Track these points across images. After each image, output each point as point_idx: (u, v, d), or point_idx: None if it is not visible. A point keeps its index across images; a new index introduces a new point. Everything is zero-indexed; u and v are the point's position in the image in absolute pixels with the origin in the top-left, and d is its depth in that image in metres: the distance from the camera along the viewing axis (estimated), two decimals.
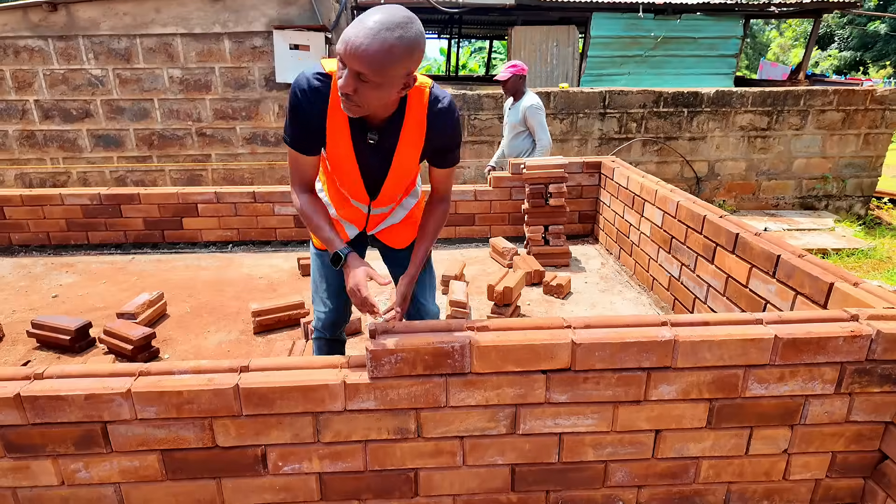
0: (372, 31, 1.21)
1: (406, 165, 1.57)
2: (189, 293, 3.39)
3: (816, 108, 6.15)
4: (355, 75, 1.26)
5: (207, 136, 5.40)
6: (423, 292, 1.89)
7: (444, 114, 1.47)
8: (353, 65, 1.23)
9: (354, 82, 1.27)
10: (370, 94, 1.29)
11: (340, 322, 1.98)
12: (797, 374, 1.52)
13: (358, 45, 1.21)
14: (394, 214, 1.80)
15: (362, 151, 1.51)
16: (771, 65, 9.92)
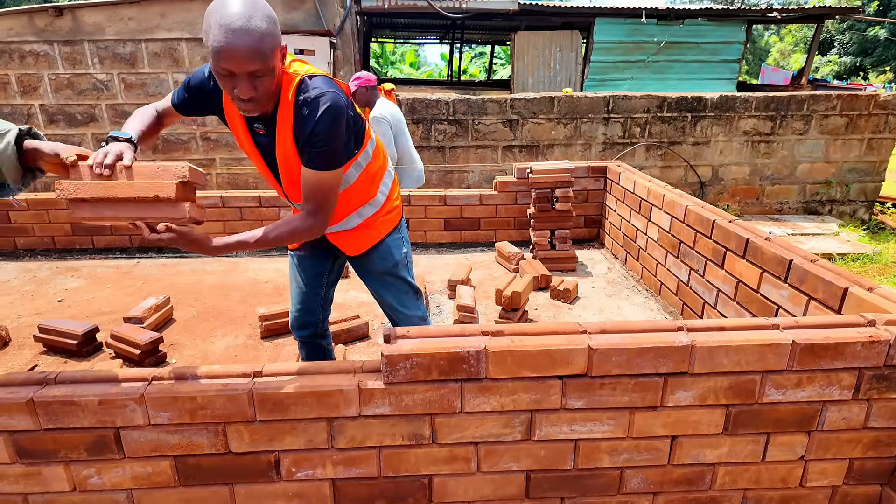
0: (237, 25, 1.20)
1: (289, 158, 1.50)
2: (195, 297, 3.38)
3: (820, 113, 6.16)
4: (249, 77, 1.27)
5: (212, 141, 5.40)
6: (398, 299, 1.88)
7: (309, 104, 1.38)
8: (245, 68, 1.24)
9: (251, 83, 1.28)
10: (266, 84, 1.31)
11: (310, 324, 1.96)
12: (814, 379, 1.51)
13: (234, 46, 1.20)
14: (347, 220, 1.75)
15: (258, 140, 1.54)
16: (773, 70, 9.93)
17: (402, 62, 25.59)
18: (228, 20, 1.21)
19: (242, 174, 5.42)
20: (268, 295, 3.44)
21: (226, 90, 1.32)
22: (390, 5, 5.95)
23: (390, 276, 1.85)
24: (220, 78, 1.28)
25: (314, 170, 1.45)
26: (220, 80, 1.29)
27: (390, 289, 1.87)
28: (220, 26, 1.21)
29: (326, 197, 1.49)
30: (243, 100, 1.31)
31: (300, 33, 4.95)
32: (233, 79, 1.27)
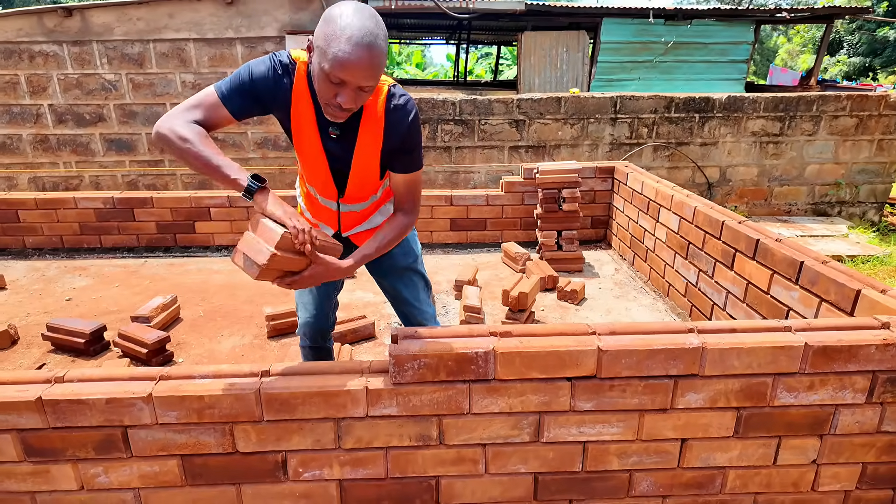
0: (360, 41, 1.19)
1: (367, 162, 1.51)
2: (202, 297, 3.39)
3: (829, 114, 6.10)
4: (358, 89, 1.26)
5: (219, 141, 5.42)
6: (415, 295, 1.88)
7: (400, 111, 1.43)
8: (352, 78, 1.22)
9: (357, 95, 1.27)
10: (367, 97, 1.30)
11: (325, 329, 1.94)
12: (827, 382, 1.49)
13: (356, 61, 1.19)
14: (370, 219, 1.74)
15: (327, 143, 1.48)
16: (781, 70, 9.87)
17: (409, 62, 25.61)
18: (359, 34, 1.20)
19: None
20: (274, 294, 3.44)
21: (324, 94, 1.27)
22: (397, 6, 5.95)
23: (410, 271, 1.85)
24: (326, 83, 1.24)
25: (412, 172, 1.53)
26: (323, 85, 1.25)
27: (409, 284, 1.86)
28: (348, 38, 1.19)
29: (420, 194, 1.61)
30: (342, 109, 1.29)
31: (307, 33, 4.96)
32: (340, 87, 1.25)
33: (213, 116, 1.34)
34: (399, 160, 1.50)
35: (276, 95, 1.38)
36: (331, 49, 1.20)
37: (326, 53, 1.20)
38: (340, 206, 1.65)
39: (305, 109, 1.41)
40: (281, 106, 1.40)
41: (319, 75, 1.25)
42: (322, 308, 1.88)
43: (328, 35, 1.20)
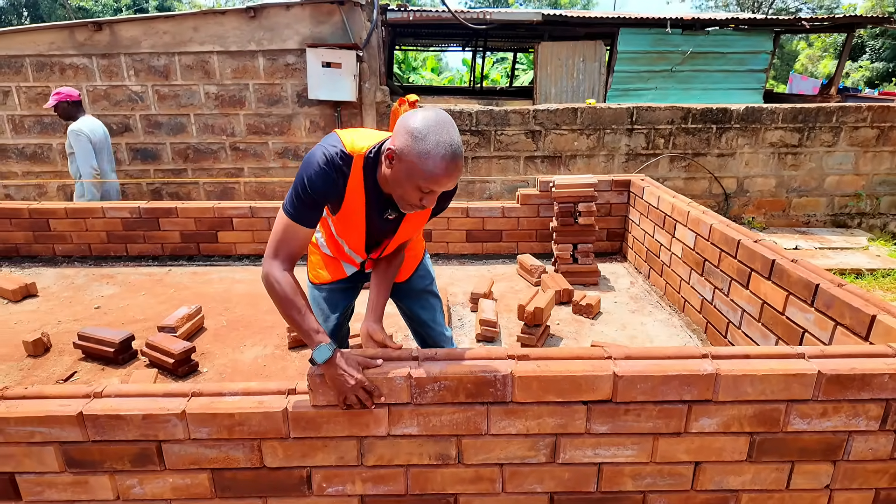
0: (453, 153, 1.30)
1: (411, 230, 1.68)
2: (225, 306, 3.48)
3: (849, 125, 6.05)
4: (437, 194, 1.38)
5: (241, 151, 5.54)
6: (432, 317, 1.95)
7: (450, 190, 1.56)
8: (441, 188, 1.35)
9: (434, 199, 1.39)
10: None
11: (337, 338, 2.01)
12: (840, 409, 1.51)
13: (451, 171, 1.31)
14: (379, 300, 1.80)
15: (373, 220, 1.57)
16: (801, 78, 9.77)
17: (424, 68, 25.77)
18: (450, 151, 1.29)
19: (269, 184, 5.55)
20: None
21: (408, 197, 1.38)
22: (415, 17, 6.04)
23: (427, 293, 1.94)
24: (414, 191, 1.35)
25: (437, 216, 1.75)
26: (410, 192, 1.36)
27: (426, 306, 1.94)
28: (443, 157, 1.29)
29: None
30: (424, 207, 1.41)
31: (327, 46, 5.06)
32: (428, 194, 1.37)
33: (298, 244, 1.48)
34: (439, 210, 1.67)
35: (333, 192, 1.46)
36: (426, 167, 1.29)
37: (419, 169, 1.30)
38: (365, 261, 1.80)
39: (357, 198, 1.49)
40: (335, 197, 1.49)
41: (407, 183, 1.34)
42: (332, 334, 1.94)
43: (421, 153, 1.29)
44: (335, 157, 1.42)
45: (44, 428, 1.47)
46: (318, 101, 5.36)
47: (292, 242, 1.46)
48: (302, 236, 1.47)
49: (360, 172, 1.45)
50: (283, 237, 1.46)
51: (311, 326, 1.43)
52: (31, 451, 1.50)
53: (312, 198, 1.42)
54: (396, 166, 1.35)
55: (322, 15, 5.10)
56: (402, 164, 1.33)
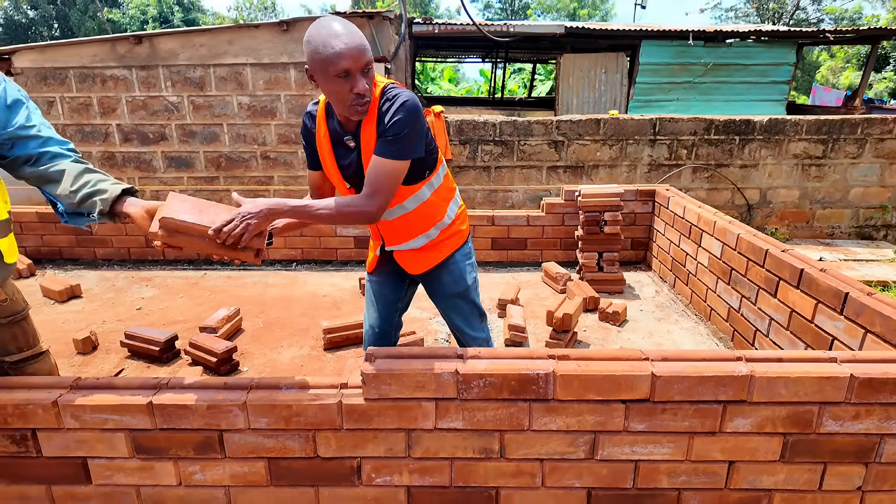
0: (344, 32, 1.47)
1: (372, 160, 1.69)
2: (260, 309, 3.61)
3: (875, 137, 6.03)
4: (362, 73, 1.51)
5: (271, 160, 5.71)
6: (465, 321, 2.02)
7: (389, 100, 1.58)
8: (358, 63, 1.48)
9: (365, 78, 1.52)
10: (371, 80, 1.56)
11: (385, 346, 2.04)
12: (873, 412, 1.56)
13: (347, 45, 1.46)
14: (415, 240, 1.89)
15: (342, 157, 1.74)
16: (824, 90, 9.72)
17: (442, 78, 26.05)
18: (337, 31, 1.47)
19: (298, 191, 5.70)
20: (327, 308, 3.63)
21: (341, 95, 1.52)
22: (441, 30, 6.19)
23: (460, 300, 1.99)
24: (336, 82, 1.49)
25: (382, 157, 1.57)
26: (337, 87, 1.51)
27: (459, 311, 2.00)
28: (331, 36, 1.46)
29: (387, 184, 1.58)
30: (360, 96, 1.52)
31: None
32: (349, 79, 1.49)
33: (310, 181, 1.90)
34: (379, 143, 1.58)
35: (310, 132, 1.78)
36: (324, 52, 1.46)
37: (326, 59, 1.46)
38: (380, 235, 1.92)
39: (324, 133, 1.74)
40: (312, 138, 1.78)
41: (331, 81, 1.50)
42: (381, 326, 2.06)
43: (316, 46, 1.48)
44: (310, 106, 1.78)
45: (116, 415, 1.58)
46: None
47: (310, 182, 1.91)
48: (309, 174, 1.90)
49: (322, 113, 1.73)
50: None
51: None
52: (104, 436, 1.61)
53: (303, 143, 1.83)
54: (317, 77, 1.54)
55: None
56: (317, 72, 1.51)
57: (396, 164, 1.58)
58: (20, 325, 1.74)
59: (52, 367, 1.87)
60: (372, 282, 2.05)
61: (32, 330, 1.80)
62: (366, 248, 4.35)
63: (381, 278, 2.03)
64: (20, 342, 1.75)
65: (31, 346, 1.78)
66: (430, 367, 1.55)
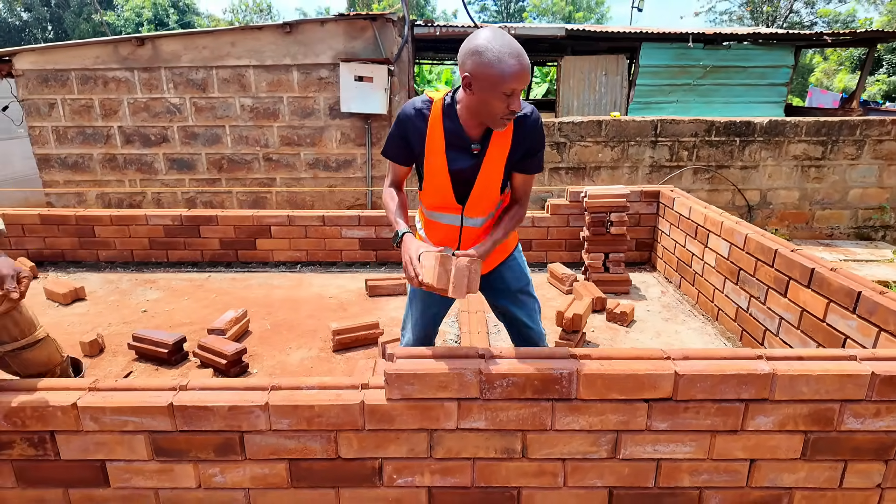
0: (518, 52, 1.49)
1: (494, 170, 1.75)
2: (267, 311, 3.59)
3: (873, 138, 6.09)
4: (519, 93, 1.54)
5: (273, 161, 5.70)
6: (530, 315, 2.03)
7: (528, 119, 1.68)
8: (521, 84, 1.51)
9: (519, 98, 1.56)
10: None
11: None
12: (893, 410, 1.57)
13: (523, 67, 1.50)
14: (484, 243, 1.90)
15: (454, 160, 1.74)
16: (821, 92, 9.80)
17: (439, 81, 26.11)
18: (514, 48, 1.49)
19: (300, 193, 5.70)
20: (333, 310, 3.62)
21: (495, 108, 1.55)
22: (442, 33, 6.20)
23: (522, 294, 2.01)
24: (498, 99, 1.52)
25: (535, 173, 1.82)
26: (494, 102, 1.53)
27: (523, 306, 2.02)
28: (509, 54, 1.48)
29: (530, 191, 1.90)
30: (514, 113, 1.57)
31: (360, 61, 5.22)
32: (508, 98, 1.52)
33: (394, 175, 1.86)
34: (527, 163, 1.77)
35: (415, 131, 1.72)
36: (499, 69, 1.47)
37: (495, 74, 1.48)
38: (464, 221, 1.84)
39: (437, 134, 1.71)
40: (417, 135, 1.73)
41: (489, 96, 1.52)
42: (428, 328, 2.04)
43: (491, 61, 1.48)
44: (419, 102, 1.73)
45: (136, 417, 1.57)
46: (349, 114, 5.51)
47: (391, 172, 1.87)
48: (394, 168, 1.85)
49: (439, 113, 1.70)
50: (389, 169, 1.89)
51: (393, 219, 1.79)
52: (123, 439, 1.60)
53: (399, 134, 1.75)
54: (475, 86, 1.53)
55: (355, 31, 5.27)
56: (479, 82, 1.51)
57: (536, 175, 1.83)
58: (10, 317, 1.79)
59: (51, 352, 1.92)
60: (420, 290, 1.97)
61: (26, 320, 1.86)
62: (370, 249, 4.34)
63: None
64: (13, 332, 1.84)
65: (26, 335, 1.85)
66: (453, 366, 1.55)
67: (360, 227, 4.29)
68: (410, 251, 1.63)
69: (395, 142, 1.78)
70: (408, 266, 1.61)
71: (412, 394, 1.56)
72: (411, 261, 1.61)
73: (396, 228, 1.75)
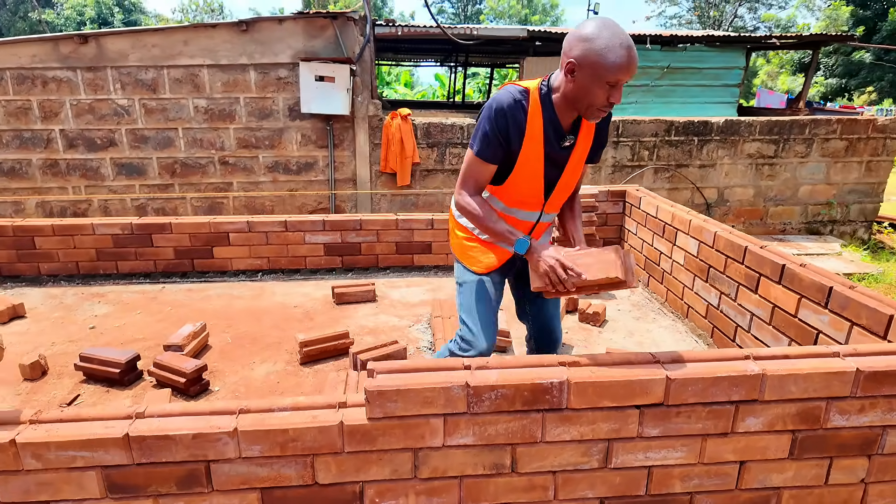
0: (629, 44, 1.45)
1: (579, 162, 1.77)
2: (227, 323, 3.40)
3: (821, 137, 6.35)
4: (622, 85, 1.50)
5: (230, 165, 5.46)
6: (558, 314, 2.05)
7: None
8: (628, 76, 1.47)
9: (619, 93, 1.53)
10: None
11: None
12: (877, 405, 1.58)
13: (632, 59, 1.46)
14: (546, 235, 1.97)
15: (549, 154, 1.69)
16: (768, 93, 10.22)
17: (398, 82, 25.94)
18: (625, 40, 1.45)
19: (259, 198, 5.48)
20: (298, 320, 3.47)
21: (595, 99, 1.51)
22: (404, 32, 6.10)
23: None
24: (601, 87, 1.48)
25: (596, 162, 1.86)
26: (597, 92, 1.49)
27: (556, 303, 2.05)
28: (621, 46, 1.44)
29: None
30: (612, 105, 1.53)
31: (321, 60, 5.06)
32: (611, 89, 1.49)
33: (482, 177, 1.69)
34: (596, 153, 1.81)
35: (515, 127, 1.61)
36: (609, 59, 1.43)
37: (603, 64, 1.44)
38: (541, 217, 1.83)
39: (537, 127, 1.63)
40: (517, 132, 1.62)
41: (593, 84, 1.48)
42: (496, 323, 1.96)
43: (600, 49, 1.44)
44: (516, 93, 1.60)
45: (87, 452, 1.41)
46: (309, 115, 5.33)
47: (477, 176, 1.68)
48: (484, 171, 1.67)
49: (538, 103, 1.61)
50: (470, 172, 1.68)
51: (505, 229, 1.67)
52: (72, 476, 1.43)
53: (497, 130, 1.60)
54: (580, 74, 1.49)
55: (315, 29, 5.10)
56: (585, 70, 1.47)
57: None
58: None
59: None
60: (487, 281, 1.88)
61: None
62: (336, 254, 4.19)
63: (499, 278, 1.94)
64: None
65: None
66: (438, 380, 1.46)
67: (325, 231, 4.14)
68: (553, 255, 1.59)
69: (495, 140, 1.62)
70: (557, 269, 1.56)
71: (395, 411, 1.46)
72: (560, 264, 1.56)
73: (515, 238, 1.65)
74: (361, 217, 4.17)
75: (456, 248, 1.96)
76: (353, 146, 5.48)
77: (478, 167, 1.67)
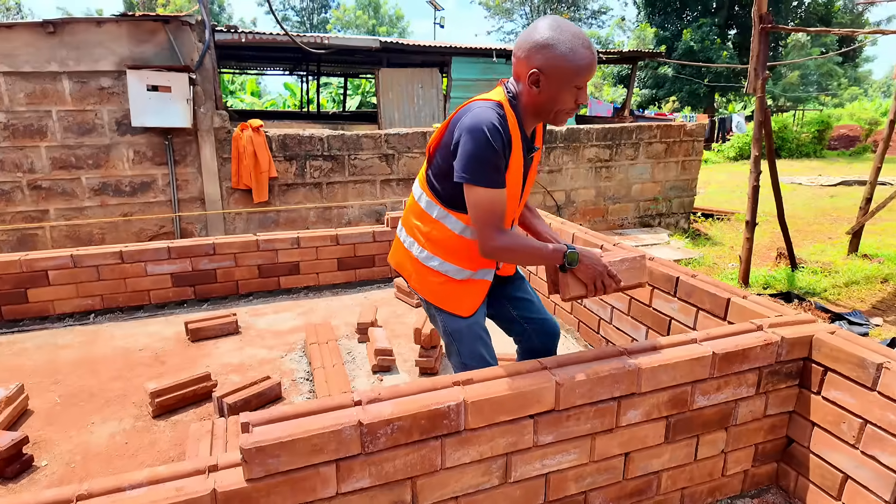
0: (588, 41, 1.43)
1: (535, 170, 1.75)
2: (53, 380, 2.83)
3: (645, 141, 7.22)
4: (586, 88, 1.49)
5: (43, 189, 4.61)
6: (540, 308, 1.99)
7: None
8: (590, 77, 1.46)
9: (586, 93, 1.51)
10: None
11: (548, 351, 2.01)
12: (729, 382, 1.76)
13: (594, 56, 1.45)
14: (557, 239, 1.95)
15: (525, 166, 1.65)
16: (598, 102, 11.43)
17: (243, 91, 24.41)
18: (584, 38, 1.41)
19: (85, 226, 4.70)
20: (147, 365, 3.01)
21: (563, 104, 1.49)
22: (248, 39, 5.69)
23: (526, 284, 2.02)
24: (570, 92, 1.46)
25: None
26: (566, 96, 1.46)
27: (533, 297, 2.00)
28: (582, 46, 1.41)
29: None
30: (579, 107, 1.51)
31: (153, 68, 4.49)
32: (580, 91, 1.47)
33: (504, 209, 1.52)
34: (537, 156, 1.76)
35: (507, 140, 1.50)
36: (575, 62, 1.41)
37: (570, 67, 1.41)
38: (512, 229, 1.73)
39: (517, 140, 1.54)
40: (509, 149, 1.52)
41: (561, 91, 1.45)
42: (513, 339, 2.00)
43: (564, 54, 1.41)
44: (497, 109, 1.48)
45: None
46: (143, 129, 4.71)
47: (500, 209, 1.51)
48: (503, 199, 1.52)
49: (513, 116, 1.53)
50: (492, 209, 1.49)
51: (548, 249, 1.58)
52: None
53: (497, 158, 1.47)
54: (546, 83, 1.45)
55: (143, 34, 4.52)
56: (551, 78, 1.44)
57: None
58: None
59: None
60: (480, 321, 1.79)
61: None
62: (186, 284, 3.74)
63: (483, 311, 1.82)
64: None
65: None
66: (326, 423, 1.31)
67: (171, 259, 3.67)
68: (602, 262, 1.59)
69: (500, 162, 1.49)
70: (605, 277, 1.57)
71: (279, 467, 1.28)
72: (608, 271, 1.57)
73: (560, 251, 1.57)
74: (214, 240, 3.77)
75: (433, 296, 1.75)
76: (199, 161, 4.96)
77: (498, 198, 1.49)
